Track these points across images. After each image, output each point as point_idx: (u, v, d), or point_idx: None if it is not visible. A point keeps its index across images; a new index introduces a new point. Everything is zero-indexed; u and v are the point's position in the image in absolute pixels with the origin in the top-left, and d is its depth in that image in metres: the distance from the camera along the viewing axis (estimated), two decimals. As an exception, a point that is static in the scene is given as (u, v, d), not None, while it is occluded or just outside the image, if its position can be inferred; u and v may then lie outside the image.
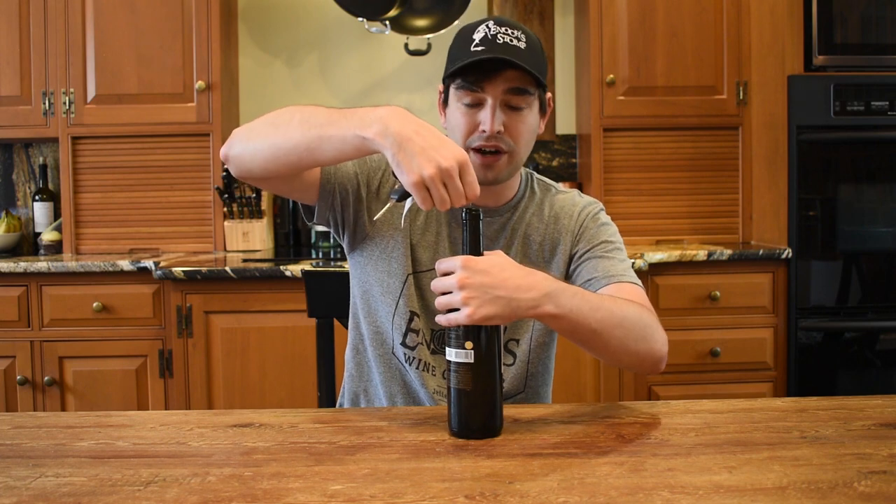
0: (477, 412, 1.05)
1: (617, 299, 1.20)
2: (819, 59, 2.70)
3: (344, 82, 3.24)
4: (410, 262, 1.35)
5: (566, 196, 1.43)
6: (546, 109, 1.35)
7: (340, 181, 1.32)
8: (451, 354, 1.05)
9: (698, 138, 2.98)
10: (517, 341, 1.37)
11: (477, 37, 1.24)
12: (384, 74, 3.23)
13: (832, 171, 2.73)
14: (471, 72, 1.24)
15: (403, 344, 1.36)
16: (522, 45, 1.24)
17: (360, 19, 2.93)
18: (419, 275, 1.35)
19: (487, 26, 1.25)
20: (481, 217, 1.07)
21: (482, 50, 1.22)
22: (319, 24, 3.22)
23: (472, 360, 1.04)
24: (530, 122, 1.29)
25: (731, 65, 2.92)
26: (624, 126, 2.95)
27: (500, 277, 1.05)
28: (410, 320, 1.35)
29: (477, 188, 1.06)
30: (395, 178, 1.09)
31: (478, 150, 1.28)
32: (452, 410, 1.06)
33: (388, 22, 2.94)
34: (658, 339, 1.22)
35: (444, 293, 1.06)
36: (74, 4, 2.88)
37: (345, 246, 1.41)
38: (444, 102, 1.34)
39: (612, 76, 2.91)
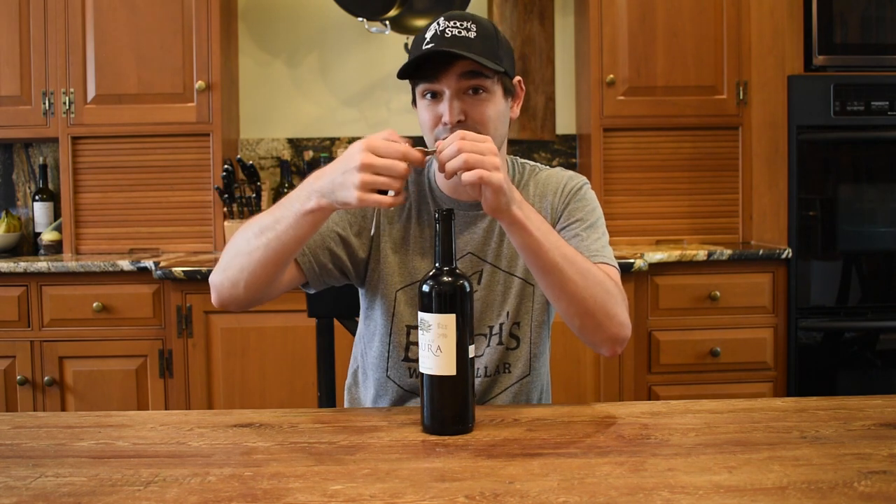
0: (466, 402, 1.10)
1: (587, 259, 1.23)
2: (819, 59, 2.70)
3: (344, 82, 3.24)
4: (394, 279, 1.36)
5: (550, 172, 1.44)
6: (515, 92, 1.36)
7: (318, 245, 1.33)
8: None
9: (698, 138, 2.98)
10: (519, 324, 1.38)
11: (428, 35, 1.27)
12: (384, 74, 3.23)
13: (832, 171, 2.73)
14: (423, 67, 1.26)
15: (406, 359, 1.37)
16: (472, 34, 1.25)
17: (360, 19, 2.93)
18: (408, 287, 1.36)
19: (438, 23, 1.27)
20: (453, 217, 1.09)
21: (431, 46, 1.25)
22: (319, 24, 3.22)
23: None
24: (494, 105, 1.29)
25: (731, 65, 2.92)
26: (624, 126, 2.95)
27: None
28: (408, 334, 1.36)
29: (404, 145, 1.09)
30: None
31: None
32: (464, 406, 1.08)
33: (388, 22, 2.94)
34: (619, 312, 1.23)
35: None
36: (74, 4, 2.87)
37: (358, 286, 1.42)
38: (414, 101, 1.36)
39: (612, 76, 2.91)
